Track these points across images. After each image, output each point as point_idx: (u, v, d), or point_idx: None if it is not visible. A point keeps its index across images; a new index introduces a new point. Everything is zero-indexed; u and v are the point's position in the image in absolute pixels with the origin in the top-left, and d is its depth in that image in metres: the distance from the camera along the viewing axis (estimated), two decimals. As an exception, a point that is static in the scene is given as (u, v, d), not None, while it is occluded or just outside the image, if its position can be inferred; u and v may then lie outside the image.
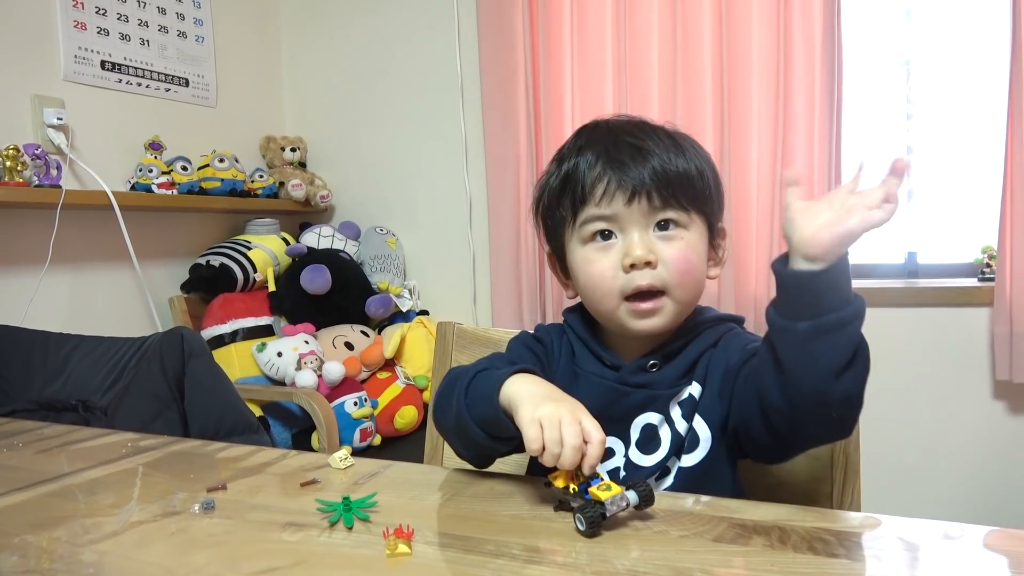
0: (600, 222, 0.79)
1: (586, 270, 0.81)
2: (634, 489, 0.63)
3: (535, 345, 0.90)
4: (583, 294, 0.84)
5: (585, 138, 0.84)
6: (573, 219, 0.81)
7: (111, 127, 2.13)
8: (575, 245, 0.82)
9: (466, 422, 0.74)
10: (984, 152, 2.07)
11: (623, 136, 0.81)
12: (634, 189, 0.77)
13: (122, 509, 0.70)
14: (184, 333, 1.58)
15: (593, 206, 0.79)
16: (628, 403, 0.82)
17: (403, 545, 0.58)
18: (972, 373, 2.02)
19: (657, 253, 0.77)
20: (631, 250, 0.77)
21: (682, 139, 0.84)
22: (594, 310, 0.83)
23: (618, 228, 0.79)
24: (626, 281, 0.78)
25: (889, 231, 2.21)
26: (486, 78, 2.36)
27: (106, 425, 1.39)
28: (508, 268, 2.36)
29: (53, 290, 1.97)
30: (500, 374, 0.73)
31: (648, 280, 0.77)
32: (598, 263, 0.79)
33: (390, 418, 2.24)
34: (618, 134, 0.82)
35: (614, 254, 0.79)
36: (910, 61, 2.18)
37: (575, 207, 0.81)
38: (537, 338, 0.90)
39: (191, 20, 2.38)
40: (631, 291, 0.78)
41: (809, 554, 0.56)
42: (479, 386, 0.74)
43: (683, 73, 2.11)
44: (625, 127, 0.84)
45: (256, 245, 2.35)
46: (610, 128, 0.84)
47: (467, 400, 0.75)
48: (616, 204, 0.78)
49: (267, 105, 2.72)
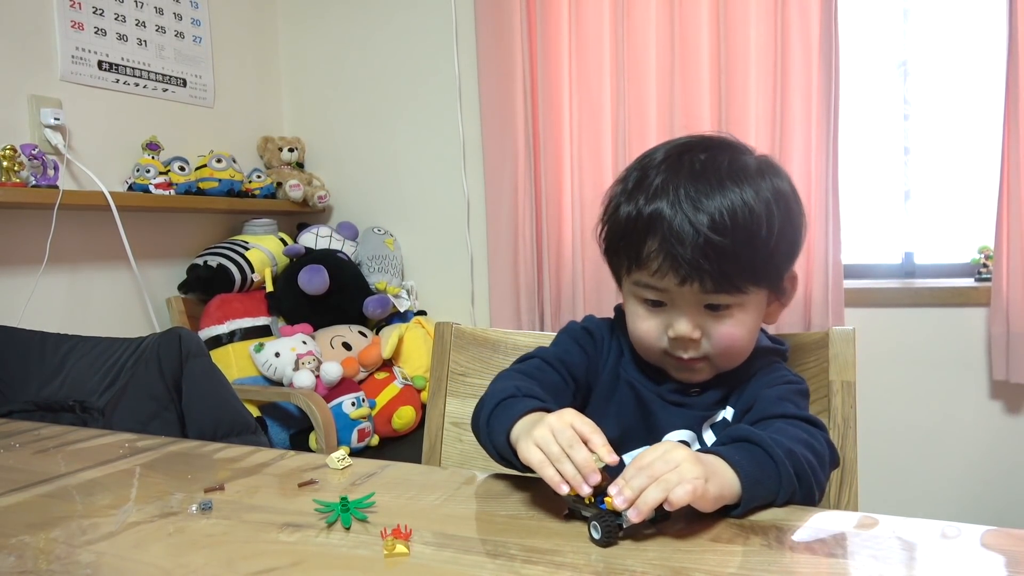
0: (650, 292, 0.77)
1: (634, 321, 0.81)
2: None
3: (584, 339, 0.88)
4: (630, 334, 0.83)
5: (657, 183, 0.75)
6: (627, 268, 0.79)
7: (108, 127, 2.12)
8: (627, 290, 0.81)
9: (489, 449, 0.76)
10: (981, 153, 2.07)
11: (695, 197, 0.73)
12: (686, 276, 0.73)
13: (119, 510, 0.70)
14: (182, 334, 1.57)
15: (647, 275, 0.76)
16: (663, 417, 0.83)
17: (401, 545, 0.58)
18: (969, 373, 2.02)
19: (704, 329, 0.77)
20: (678, 328, 0.76)
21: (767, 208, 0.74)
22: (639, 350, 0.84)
23: (668, 300, 0.77)
24: (670, 346, 0.78)
25: (886, 231, 2.23)
26: (484, 79, 2.36)
27: (103, 426, 1.39)
28: (506, 268, 2.36)
29: (50, 290, 1.97)
30: (515, 411, 0.72)
31: (691, 354, 0.78)
32: (645, 321, 0.79)
33: (388, 418, 2.24)
34: (689, 194, 0.73)
35: (661, 320, 0.78)
36: (907, 62, 2.19)
37: (629, 263, 0.78)
38: (588, 331, 0.89)
39: (189, 20, 2.38)
40: (674, 355, 0.79)
41: (807, 554, 0.56)
42: (499, 418, 0.74)
43: (681, 73, 2.11)
44: (703, 180, 0.74)
45: (254, 245, 2.35)
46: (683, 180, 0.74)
47: (488, 429, 0.75)
48: (668, 282, 0.74)
49: (265, 105, 2.71)
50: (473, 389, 1.06)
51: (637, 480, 0.59)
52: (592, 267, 2.27)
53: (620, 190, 0.80)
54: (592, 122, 2.24)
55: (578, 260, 2.27)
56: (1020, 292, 1.87)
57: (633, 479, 0.59)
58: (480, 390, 1.05)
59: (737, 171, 0.75)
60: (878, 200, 2.24)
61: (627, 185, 0.79)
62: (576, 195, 2.26)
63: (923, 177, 2.19)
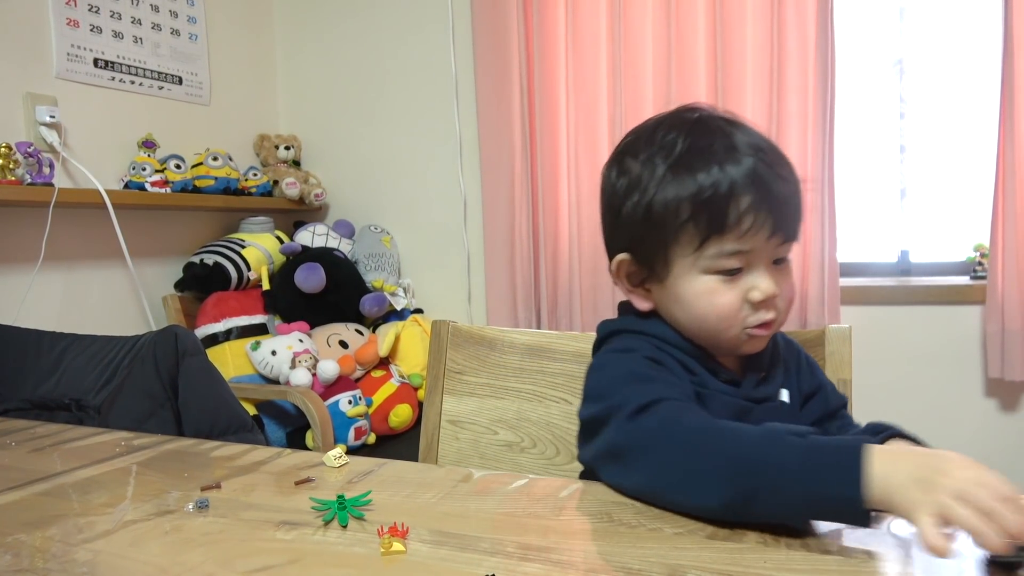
0: (735, 259, 0.73)
1: (709, 301, 0.75)
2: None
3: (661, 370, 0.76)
4: (697, 322, 0.77)
5: (721, 145, 0.73)
6: (700, 243, 0.73)
7: (104, 125, 2.12)
8: (692, 272, 0.75)
9: (793, 515, 0.59)
10: (976, 151, 2.08)
11: (763, 154, 0.73)
12: (776, 225, 0.72)
13: (116, 508, 0.70)
14: (178, 332, 1.57)
15: (734, 240, 0.72)
16: (759, 419, 0.76)
17: (397, 543, 0.58)
18: (964, 371, 2.03)
19: (778, 287, 0.75)
20: (764, 288, 0.73)
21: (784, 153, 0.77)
22: (708, 336, 0.78)
23: (747, 262, 0.74)
24: (752, 316, 0.75)
25: (882, 229, 2.24)
26: (481, 76, 2.36)
27: (99, 424, 1.38)
28: (503, 267, 2.36)
29: (46, 289, 1.96)
30: (850, 445, 0.58)
31: (772, 315, 0.75)
32: (724, 295, 0.74)
33: (385, 417, 2.24)
34: (755, 146, 0.73)
35: (740, 287, 0.74)
36: (903, 60, 2.19)
37: (708, 233, 0.72)
38: (657, 362, 0.77)
39: (184, 18, 2.38)
40: (755, 325, 0.75)
41: (802, 551, 0.56)
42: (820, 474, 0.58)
43: (677, 72, 2.11)
44: (752, 135, 0.74)
45: (250, 243, 2.35)
46: (742, 138, 0.74)
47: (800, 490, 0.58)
48: (758, 238, 0.72)
49: (261, 103, 2.71)
50: (470, 387, 1.06)
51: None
52: (588, 265, 2.27)
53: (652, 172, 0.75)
54: (588, 120, 2.24)
55: (574, 258, 2.27)
56: (1015, 290, 1.87)
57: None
58: (477, 388, 1.05)
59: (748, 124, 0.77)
60: (874, 198, 2.24)
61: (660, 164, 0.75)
62: (572, 193, 2.26)
63: (919, 175, 2.19)
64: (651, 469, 0.65)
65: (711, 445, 0.62)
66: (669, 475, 0.63)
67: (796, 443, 0.59)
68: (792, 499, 0.58)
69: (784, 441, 0.60)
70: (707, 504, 0.61)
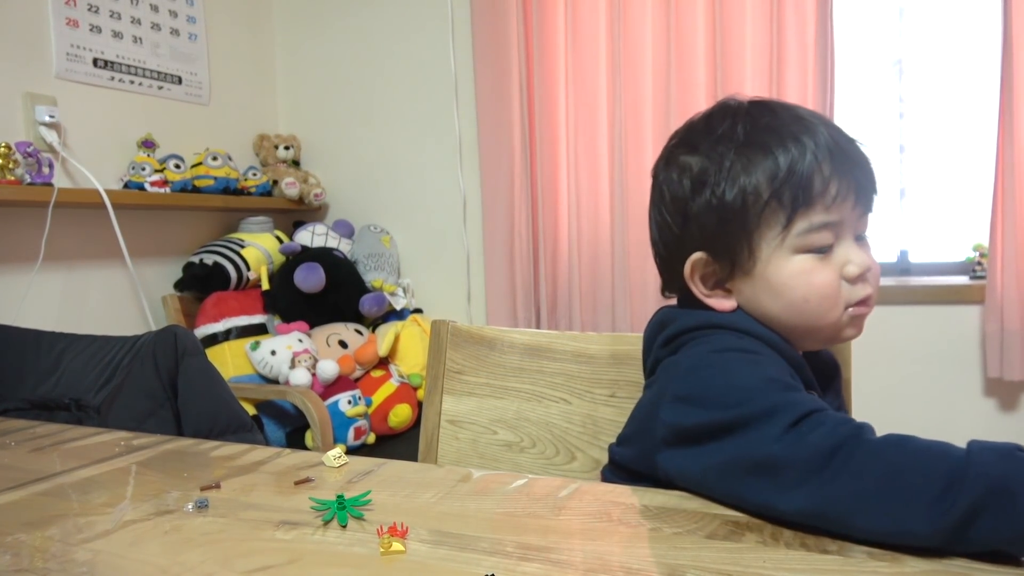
0: (826, 232, 0.70)
1: (808, 281, 0.71)
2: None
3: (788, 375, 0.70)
4: (796, 308, 0.72)
5: (790, 121, 0.72)
6: (787, 221, 0.70)
7: (104, 125, 2.12)
8: (783, 253, 0.71)
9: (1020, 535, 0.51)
10: (975, 151, 2.08)
11: (830, 125, 0.72)
12: (860, 192, 0.70)
13: (115, 508, 0.70)
14: (177, 332, 1.57)
15: (822, 211, 0.70)
16: None
17: (397, 543, 0.58)
18: (963, 370, 2.03)
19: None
20: (859, 260, 0.71)
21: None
22: (807, 323, 0.73)
23: (836, 235, 0.71)
24: (851, 293, 0.72)
25: (881, 229, 2.24)
26: (480, 76, 2.36)
27: (99, 424, 1.38)
28: (502, 266, 2.36)
29: (45, 288, 1.96)
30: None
31: (869, 290, 0.72)
32: (822, 273, 0.71)
33: (384, 416, 2.24)
34: (826, 123, 0.72)
35: (834, 264, 0.71)
36: (902, 60, 2.19)
37: (795, 209, 0.70)
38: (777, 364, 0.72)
39: (184, 18, 2.38)
40: (856, 301, 0.72)
41: (801, 551, 0.56)
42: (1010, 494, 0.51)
43: (677, 71, 2.11)
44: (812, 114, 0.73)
45: (249, 243, 2.35)
46: (808, 116, 0.73)
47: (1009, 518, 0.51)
48: (844, 208, 0.70)
49: (260, 103, 2.71)
50: (469, 387, 1.06)
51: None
52: (588, 264, 2.27)
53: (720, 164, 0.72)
54: (588, 120, 2.24)
55: (574, 257, 2.27)
56: (1014, 290, 1.87)
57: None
58: (477, 388, 1.05)
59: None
60: (873, 198, 2.24)
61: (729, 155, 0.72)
62: (572, 193, 2.26)
63: (918, 175, 2.20)
64: (831, 489, 0.57)
65: (920, 464, 0.55)
66: (862, 498, 0.56)
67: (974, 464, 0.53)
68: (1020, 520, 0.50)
69: (1015, 457, 0.53)
70: (915, 529, 0.54)
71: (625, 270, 2.18)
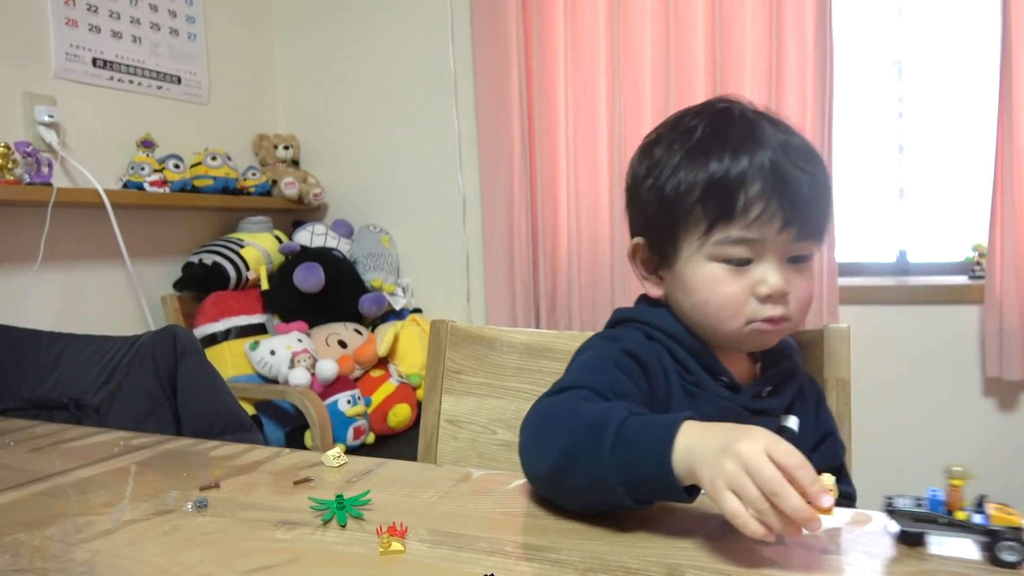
0: (743, 247, 0.72)
1: (713, 289, 0.74)
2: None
3: (630, 366, 0.76)
4: (699, 309, 0.76)
5: (739, 132, 0.73)
6: (707, 228, 0.73)
7: (103, 125, 2.12)
8: (699, 258, 0.75)
9: (610, 484, 0.59)
10: (975, 151, 2.08)
11: (784, 140, 0.72)
12: (790, 218, 0.71)
13: (115, 508, 0.70)
14: (176, 331, 1.57)
15: (741, 228, 0.71)
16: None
17: (396, 543, 0.58)
18: (962, 370, 2.03)
19: (789, 284, 0.74)
20: (772, 283, 0.72)
21: (818, 153, 0.76)
22: (709, 327, 0.77)
23: (757, 254, 0.73)
24: (757, 310, 0.74)
25: (881, 229, 2.24)
26: (479, 75, 2.36)
27: (98, 424, 1.38)
28: (502, 266, 2.36)
29: (44, 288, 1.96)
30: (662, 428, 0.58)
31: (780, 312, 0.74)
32: (730, 285, 0.74)
33: (383, 416, 2.24)
34: (777, 138, 0.72)
35: (747, 279, 0.73)
36: (901, 60, 2.19)
37: (715, 219, 0.72)
38: (633, 356, 0.76)
39: (183, 17, 2.37)
40: (760, 319, 0.74)
41: (800, 550, 0.56)
42: (635, 444, 0.59)
43: (676, 71, 2.11)
44: (776, 126, 0.74)
45: (249, 243, 2.35)
46: (760, 128, 0.73)
47: (615, 460, 0.58)
48: (767, 229, 0.71)
49: (260, 103, 2.71)
50: (468, 387, 1.06)
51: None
52: (587, 264, 2.27)
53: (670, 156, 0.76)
54: (588, 120, 2.24)
55: (573, 257, 2.27)
56: (1013, 289, 1.87)
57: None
58: (476, 387, 1.05)
59: (783, 120, 0.76)
60: (872, 198, 2.25)
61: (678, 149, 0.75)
62: (572, 192, 2.26)
63: (917, 175, 2.20)
64: (523, 436, 0.68)
65: (562, 419, 0.65)
66: (529, 443, 0.67)
67: (622, 415, 0.60)
68: (607, 470, 0.58)
69: (614, 413, 0.61)
70: (538, 470, 0.65)
71: (624, 270, 2.18)
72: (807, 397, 0.84)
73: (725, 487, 0.53)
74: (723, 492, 0.53)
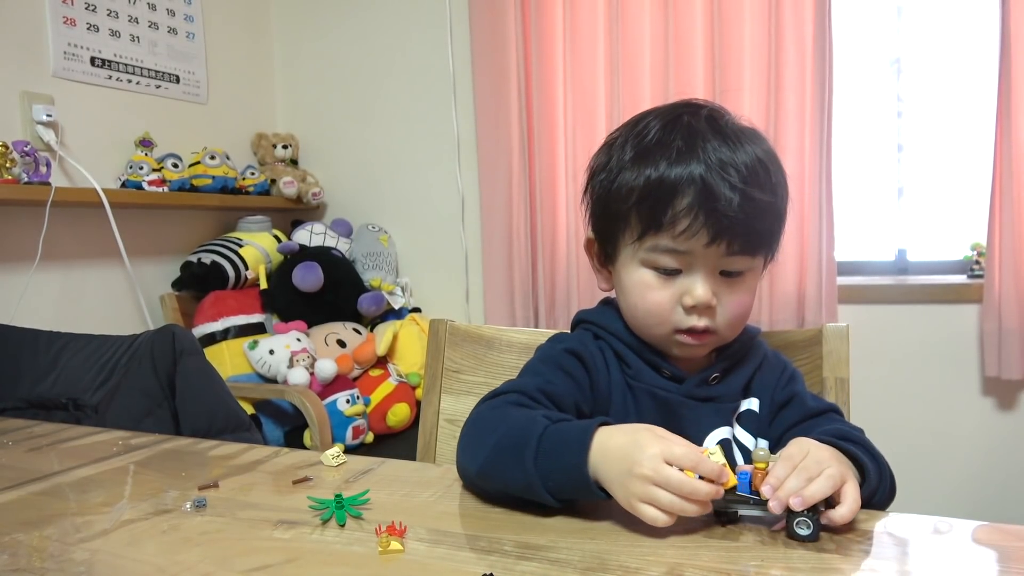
0: (671, 257, 0.73)
1: (641, 293, 0.76)
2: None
3: (570, 363, 0.80)
4: (630, 312, 0.79)
5: (677, 142, 0.72)
6: (640, 234, 0.74)
7: (101, 124, 2.11)
8: (632, 261, 0.76)
9: (536, 491, 0.64)
10: (974, 150, 2.08)
11: (723, 153, 0.71)
12: (717, 234, 0.70)
13: (113, 507, 0.69)
14: (175, 331, 1.57)
15: (669, 239, 0.72)
16: (693, 419, 0.78)
17: (395, 542, 0.58)
18: (961, 369, 2.03)
19: (719, 297, 0.74)
20: (696, 295, 0.73)
21: (774, 167, 0.75)
22: (639, 329, 0.79)
23: (687, 265, 0.73)
24: (682, 319, 0.74)
25: (879, 228, 2.24)
26: (478, 75, 2.36)
27: (97, 423, 1.38)
28: (501, 265, 2.36)
29: (43, 288, 1.96)
30: (576, 439, 0.64)
31: (705, 324, 0.74)
32: (656, 292, 0.75)
33: (382, 416, 2.23)
34: (717, 151, 0.71)
35: (675, 288, 0.74)
36: (900, 59, 2.20)
37: (647, 226, 0.73)
38: (573, 353, 0.80)
39: (181, 16, 2.37)
40: (685, 328, 0.75)
41: (801, 550, 0.57)
42: (556, 451, 0.64)
43: (675, 71, 2.11)
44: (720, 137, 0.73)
45: (248, 243, 2.35)
46: (703, 138, 0.72)
47: (539, 466, 0.64)
48: (694, 243, 0.71)
49: (258, 102, 2.70)
50: (467, 386, 1.06)
51: (794, 480, 0.58)
52: (586, 263, 2.26)
53: (622, 155, 0.76)
54: (587, 119, 2.24)
55: (572, 256, 2.27)
56: (1012, 289, 1.88)
57: (790, 478, 0.58)
58: (475, 387, 1.05)
59: (743, 130, 0.76)
60: (871, 197, 2.25)
61: (629, 149, 0.76)
62: (571, 192, 2.26)
63: (916, 174, 2.20)
64: (460, 439, 0.73)
65: (490, 427, 0.70)
66: (462, 447, 0.72)
67: (540, 429, 0.66)
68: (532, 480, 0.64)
69: (536, 422, 0.67)
70: (469, 468, 0.70)
71: (623, 269, 2.18)
72: (767, 378, 0.83)
73: (640, 503, 0.60)
74: (639, 507, 0.60)
